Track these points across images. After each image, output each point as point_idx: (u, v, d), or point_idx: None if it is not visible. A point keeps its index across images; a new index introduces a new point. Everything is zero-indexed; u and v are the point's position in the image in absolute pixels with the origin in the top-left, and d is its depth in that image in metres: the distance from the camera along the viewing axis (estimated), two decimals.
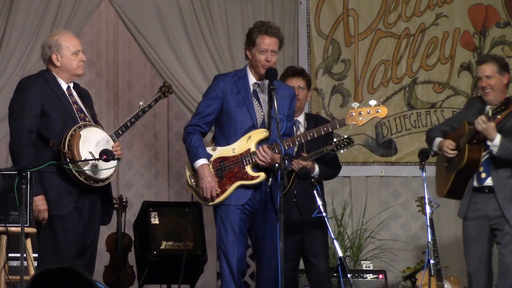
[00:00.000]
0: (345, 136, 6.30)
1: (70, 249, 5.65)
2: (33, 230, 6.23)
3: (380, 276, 7.50)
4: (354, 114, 5.79)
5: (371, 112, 5.81)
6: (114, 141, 5.77)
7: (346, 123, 5.82)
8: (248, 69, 5.86)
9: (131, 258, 8.15)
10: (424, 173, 6.17)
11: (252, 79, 5.82)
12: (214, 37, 8.16)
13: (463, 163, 6.12)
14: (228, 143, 5.77)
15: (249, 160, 5.71)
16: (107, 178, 5.72)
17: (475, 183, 6.20)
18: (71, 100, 5.76)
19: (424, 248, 6.87)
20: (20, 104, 5.70)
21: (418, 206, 6.65)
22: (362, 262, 7.89)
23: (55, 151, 5.62)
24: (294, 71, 6.63)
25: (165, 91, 6.42)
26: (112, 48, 9.03)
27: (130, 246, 8.12)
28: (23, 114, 5.66)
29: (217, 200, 5.73)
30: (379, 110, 5.84)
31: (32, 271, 6.00)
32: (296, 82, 6.51)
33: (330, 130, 5.84)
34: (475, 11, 8.55)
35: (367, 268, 7.72)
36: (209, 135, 6.15)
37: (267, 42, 5.77)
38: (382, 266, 8.10)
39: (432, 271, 6.24)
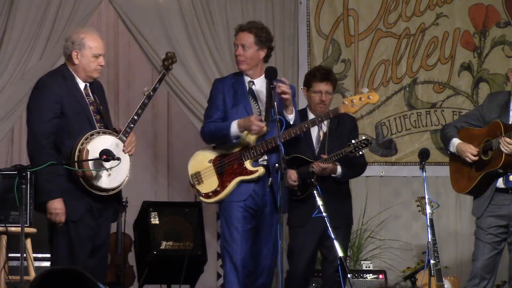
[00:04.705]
0: (364, 138, 6.31)
1: (83, 251, 5.62)
2: (33, 230, 6.23)
3: (380, 276, 7.50)
4: (346, 102, 5.89)
5: (363, 99, 5.89)
6: (124, 141, 5.68)
7: (340, 111, 5.93)
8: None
9: (131, 258, 8.14)
10: (424, 173, 6.17)
11: (247, 78, 5.94)
12: (215, 36, 8.16)
13: (500, 165, 6.02)
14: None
15: (247, 155, 5.80)
16: (118, 186, 5.68)
17: (501, 184, 6.13)
18: (88, 101, 5.70)
19: (424, 248, 6.87)
20: (39, 104, 5.62)
21: (418, 206, 6.64)
22: (362, 262, 7.90)
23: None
24: (323, 76, 6.49)
25: (168, 64, 5.93)
26: (112, 48, 9.02)
27: (130, 246, 8.12)
28: (43, 114, 5.58)
29: (219, 197, 5.81)
30: (371, 97, 5.92)
31: (32, 271, 6.00)
32: (325, 87, 6.46)
33: (324, 120, 5.96)
34: (475, 11, 8.55)
35: (367, 268, 7.72)
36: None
37: (237, 37, 5.92)
38: (382, 266, 8.10)
39: (432, 271, 6.23)
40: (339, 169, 6.38)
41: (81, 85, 5.70)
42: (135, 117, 5.72)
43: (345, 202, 6.53)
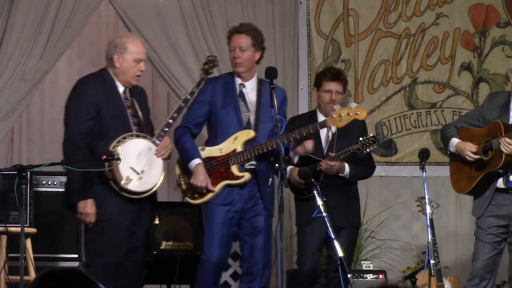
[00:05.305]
0: (371, 135, 6.31)
1: (116, 251, 5.61)
2: (33, 230, 6.25)
3: (380, 276, 7.50)
4: (335, 116, 5.91)
5: (351, 114, 5.90)
6: (157, 144, 5.68)
7: (327, 125, 5.97)
8: (234, 72, 6.00)
9: None
10: (424, 173, 6.17)
11: (238, 80, 5.96)
12: (215, 36, 8.16)
13: (500, 165, 6.02)
14: (216, 143, 5.90)
15: (234, 160, 5.84)
16: (150, 190, 5.67)
17: (501, 184, 6.13)
18: (126, 104, 5.72)
19: (424, 248, 6.87)
20: (76, 105, 5.65)
21: (418, 206, 6.64)
22: (362, 262, 7.89)
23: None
24: (334, 75, 6.51)
25: (208, 68, 5.92)
26: None
27: None
28: (79, 115, 5.61)
29: (205, 198, 5.85)
30: (359, 113, 5.93)
31: (32, 271, 6.01)
32: (335, 87, 6.46)
33: (312, 132, 5.92)
34: (475, 11, 8.55)
35: (367, 268, 7.72)
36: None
37: (235, 40, 5.92)
38: (382, 266, 8.10)
39: (432, 271, 6.23)
40: (346, 168, 6.38)
41: (120, 88, 5.73)
42: (170, 121, 5.75)
43: (352, 203, 6.52)
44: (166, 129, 5.72)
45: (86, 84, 5.72)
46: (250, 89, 5.95)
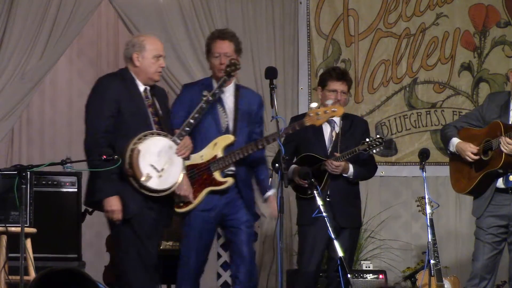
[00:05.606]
0: (378, 136, 6.32)
1: (143, 247, 5.62)
2: (33, 230, 6.25)
3: (380, 276, 7.50)
4: (312, 114, 5.90)
5: (327, 112, 5.90)
6: (178, 143, 5.68)
7: (305, 124, 5.92)
8: (212, 78, 6.01)
9: None
10: (424, 173, 6.17)
11: (216, 86, 5.94)
12: None
13: (500, 165, 6.03)
14: (196, 149, 5.89)
15: (216, 166, 5.85)
16: (169, 188, 5.67)
17: (501, 185, 6.12)
18: (147, 103, 5.72)
19: (424, 248, 6.87)
20: (97, 104, 5.65)
21: (418, 206, 6.64)
22: (362, 262, 7.89)
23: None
24: (339, 75, 6.50)
25: (230, 71, 5.87)
26: (112, 48, 9.03)
27: None
28: (100, 114, 5.61)
29: (190, 207, 5.85)
30: (335, 110, 5.92)
31: (32, 271, 6.01)
32: (340, 87, 6.46)
33: (291, 132, 5.93)
34: (475, 11, 8.55)
35: (367, 268, 7.72)
36: None
37: (220, 46, 5.93)
38: (382, 266, 8.10)
39: (432, 271, 6.23)
40: (351, 168, 6.38)
41: (141, 87, 5.74)
42: (191, 121, 5.75)
43: (354, 204, 6.53)
44: (187, 128, 5.72)
45: (106, 82, 5.73)
46: (228, 95, 5.98)
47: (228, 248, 6.16)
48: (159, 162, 5.60)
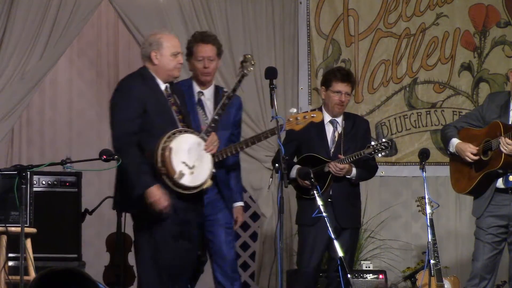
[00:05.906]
0: (384, 140, 6.32)
1: (167, 251, 5.59)
2: (33, 230, 6.24)
3: (380, 276, 7.50)
4: (291, 119, 5.89)
5: (307, 117, 5.89)
6: (206, 140, 5.65)
7: (284, 129, 5.88)
8: (192, 79, 6.06)
9: (131, 258, 8.13)
10: (424, 173, 6.17)
11: (196, 88, 6.01)
12: None
13: (499, 165, 6.03)
14: None
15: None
16: (201, 184, 5.64)
17: (501, 185, 6.13)
18: (170, 101, 5.71)
19: (424, 248, 6.87)
20: (121, 104, 5.60)
21: (418, 206, 6.64)
22: (362, 262, 7.89)
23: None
24: (344, 77, 6.50)
25: (246, 66, 5.87)
26: (112, 48, 9.03)
27: (130, 246, 8.10)
28: (126, 114, 5.57)
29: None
30: (314, 115, 5.91)
31: (32, 271, 6.01)
32: (344, 88, 6.46)
33: (270, 136, 5.90)
34: (475, 11, 8.55)
35: (367, 268, 7.72)
36: None
37: (203, 50, 5.98)
38: (382, 266, 8.10)
39: (432, 271, 6.24)
40: (354, 170, 6.39)
41: (162, 86, 5.72)
42: (216, 117, 5.74)
43: (355, 205, 6.54)
44: (213, 124, 5.71)
45: (129, 82, 5.70)
46: (208, 97, 6.02)
47: (207, 249, 6.12)
48: (190, 159, 5.57)
